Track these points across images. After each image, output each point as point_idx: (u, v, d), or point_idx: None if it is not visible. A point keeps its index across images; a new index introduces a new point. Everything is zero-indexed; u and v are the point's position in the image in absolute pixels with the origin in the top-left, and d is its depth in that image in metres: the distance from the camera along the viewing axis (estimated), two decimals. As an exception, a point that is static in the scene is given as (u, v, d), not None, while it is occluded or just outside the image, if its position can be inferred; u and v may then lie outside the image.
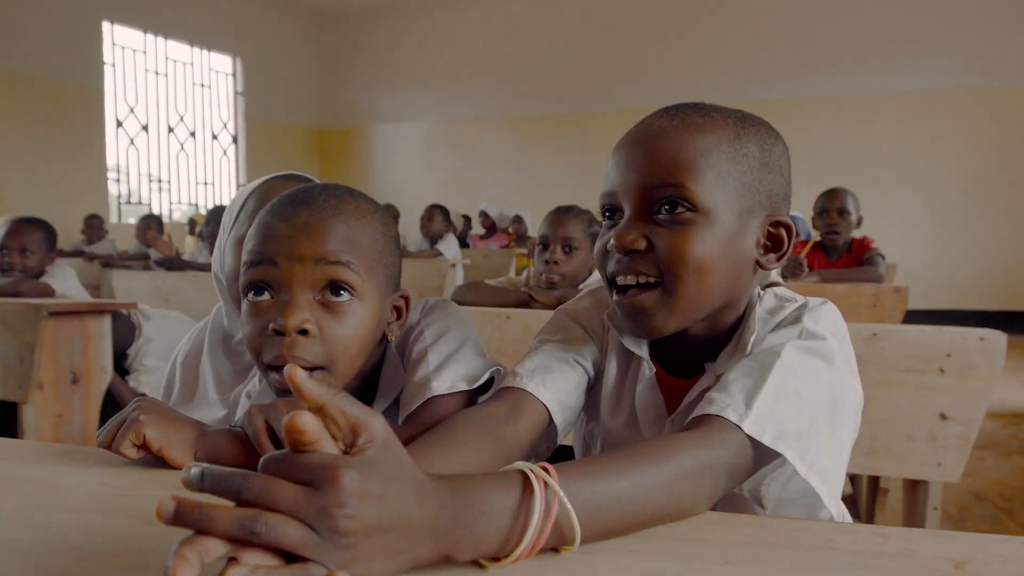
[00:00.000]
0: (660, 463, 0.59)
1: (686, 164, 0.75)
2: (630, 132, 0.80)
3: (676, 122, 0.77)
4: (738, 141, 0.77)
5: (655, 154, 0.76)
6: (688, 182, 0.74)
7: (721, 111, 0.79)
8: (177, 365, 1.18)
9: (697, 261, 0.74)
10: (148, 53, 8.62)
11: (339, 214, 0.80)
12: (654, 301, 0.76)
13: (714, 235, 0.75)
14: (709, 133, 0.76)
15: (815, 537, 0.59)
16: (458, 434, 0.69)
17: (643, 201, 0.76)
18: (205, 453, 0.75)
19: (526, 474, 0.52)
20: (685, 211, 0.74)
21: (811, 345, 0.74)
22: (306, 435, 0.42)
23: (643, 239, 0.75)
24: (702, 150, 0.75)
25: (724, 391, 0.70)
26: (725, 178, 0.76)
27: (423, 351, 0.86)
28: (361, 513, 0.42)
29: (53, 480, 0.72)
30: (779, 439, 0.67)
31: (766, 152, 0.79)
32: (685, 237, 0.74)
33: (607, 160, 0.81)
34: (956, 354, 1.59)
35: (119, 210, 8.40)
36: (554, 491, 0.51)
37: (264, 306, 0.80)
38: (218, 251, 1.14)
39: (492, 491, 0.50)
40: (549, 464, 0.54)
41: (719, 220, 0.75)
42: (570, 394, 0.82)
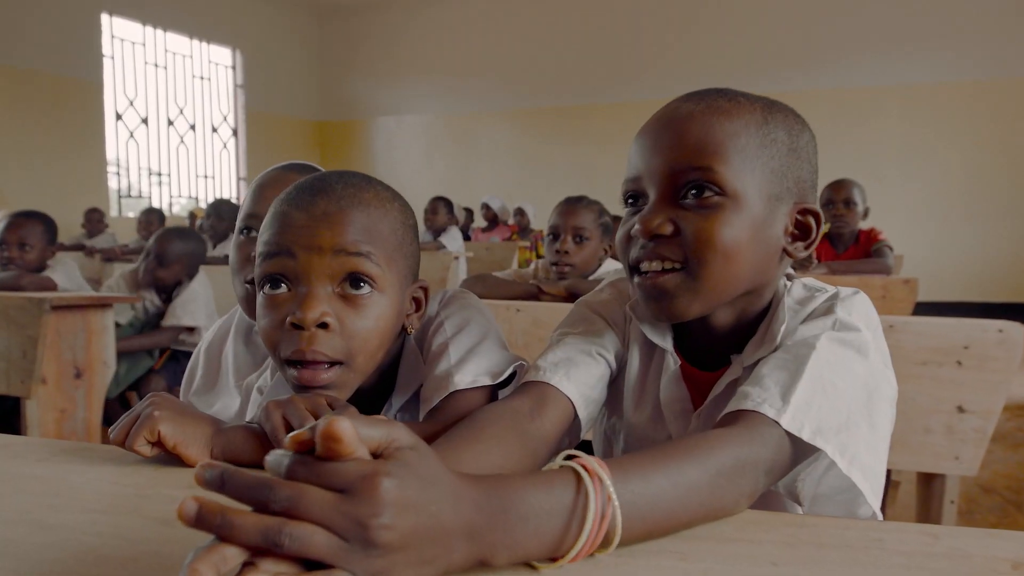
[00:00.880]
0: (700, 462, 0.57)
1: (714, 147, 0.72)
2: (655, 116, 0.78)
3: (703, 106, 0.75)
4: (766, 126, 0.75)
5: (682, 137, 0.73)
6: (717, 165, 0.72)
7: (748, 96, 0.77)
8: (201, 353, 1.16)
9: (725, 245, 0.72)
10: (147, 46, 8.58)
11: (358, 203, 0.78)
12: (676, 283, 0.73)
13: (742, 220, 0.73)
14: (737, 117, 0.74)
15: (862, 537, 0.57)
16: (484, 430, 0.67)
17: (669, 185, 0.74)
18: (221, 450, 0.72)
19: (576, 473, 0.50)
20: (713, 195, 0.72)
21: (845, 336, 0.71)
22: (343, 445, 0.39)
23: (669, 223, 0.73)
24: (730, 133, 0.73)
25: (758, 385, 0.67)
26: (753, 162, 0.73)
27: (444, 344, 0.83)
28: (399, 524, 0.40)
29: (63, 479, 0.69)
30: (818, 434, 0.64)
31: (794, 138, 0.77)
32: (713, 221, 0.72)
33: (630, 147, 0.79)
34: (974, 346, 1.56)
35: (119, 204, 8.37)
36: (608, 492, 0.49)
37: (281, 299, 0.77)
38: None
39: (531, 492, 0.48)
40: (599, 460, 0.51)
41: (747, 205, 0.73)
42: (594, 387, 0.80)
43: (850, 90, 7.85)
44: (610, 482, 0.50)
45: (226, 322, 1.17)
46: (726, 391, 0.78)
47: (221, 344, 1.15)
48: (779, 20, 8.08)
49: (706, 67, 8.29)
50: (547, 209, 7.76)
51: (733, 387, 0.78)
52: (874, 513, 0.69)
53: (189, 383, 1.17)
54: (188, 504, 0.39)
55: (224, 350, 1.14)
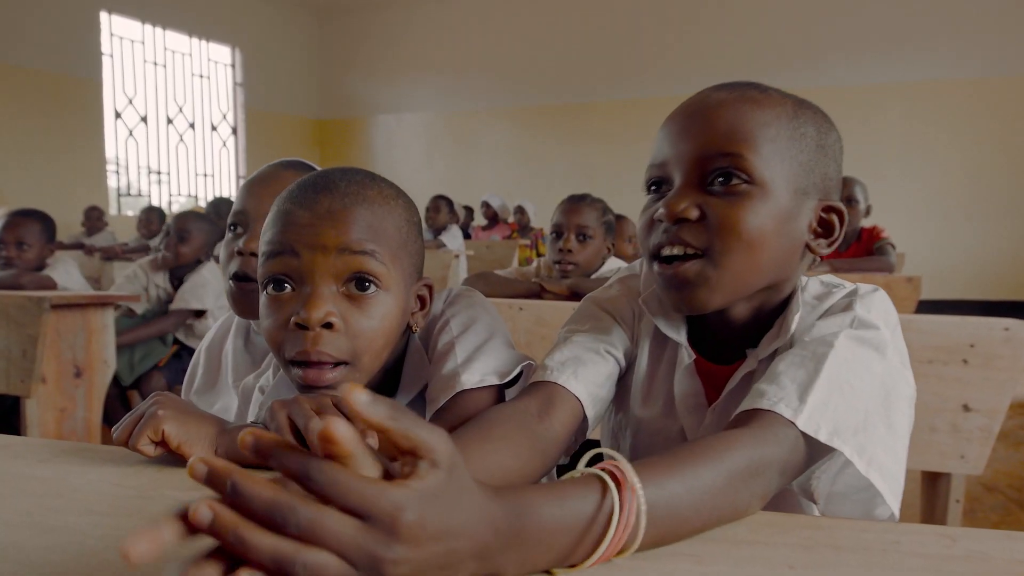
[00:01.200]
0: (714, 465, 0.56)
1: (745, 135, 0.71)
2: (683, 104, 0.77)
3: (735, 94, 0.74)
4: (796, 119, 0.74)
5: (713, 123, 0.72)
6: (747, 152, 0.71)
7: (778, 90, 0.77)
8: (202, 352, 1.15)
9: (749, 234, 0.71)
10: (146, 44, 8.56)
11: (362, 200, 0.76)
12: (697, 271, 0.72)
13: (768, 210, 0.72)
14: (768, 108, 0.73)
15: (879, 539, 0.56)
16: (493, 431, 0.66)
17: (697, 171, 0.73)
18: (225, 450, 0.71)
19: (600, 482, 0.50)
20: (741, 182, 0.71)
21: (864, 335, 0.70)
22: (341, 447, 0.38)
23: (695, 208, 0.72)
24: (761, 122, 0.72)
25: (775, 383, 0.66)
26: (783, 154, 0.72)
27: (450, 343, 0.82)
28: (413, 557, 0.39)
29: (65, 480, 0.68)
30: (835, 435, 0.63)
31: (823, 135, 0.76)
32: (740, 208, 0.71)
33: (658, 134, 0.78)
34: (980, 345, 1.55)
35: (118, 202, 8.35)
36: (639, 504, 0.49)
37: (285, 299, 0.76)
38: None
39: (552, 509, 0.47)
40: (625, 465, 0.50)
41: (774, 196, 0.72)
42: (602, 386, 0.79)
43: (850, 88, 7.84)
44: (643, 494, 0.49)
45: (227, 321, 1.16)
46: (741, 384, 0.77)
47: (222, 343, 1.14)
48: (779, 18, 8.06)
49: (706, 65, 8.27)
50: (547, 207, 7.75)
51: (748, 380, 0.77)
52: (892, 514, 0.68)
53: (190, 382, 1.16)
54: (202, 510, 0.37)
55: (224, 349, 1.13)
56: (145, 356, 2.87)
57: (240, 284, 1.04)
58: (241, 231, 1.06)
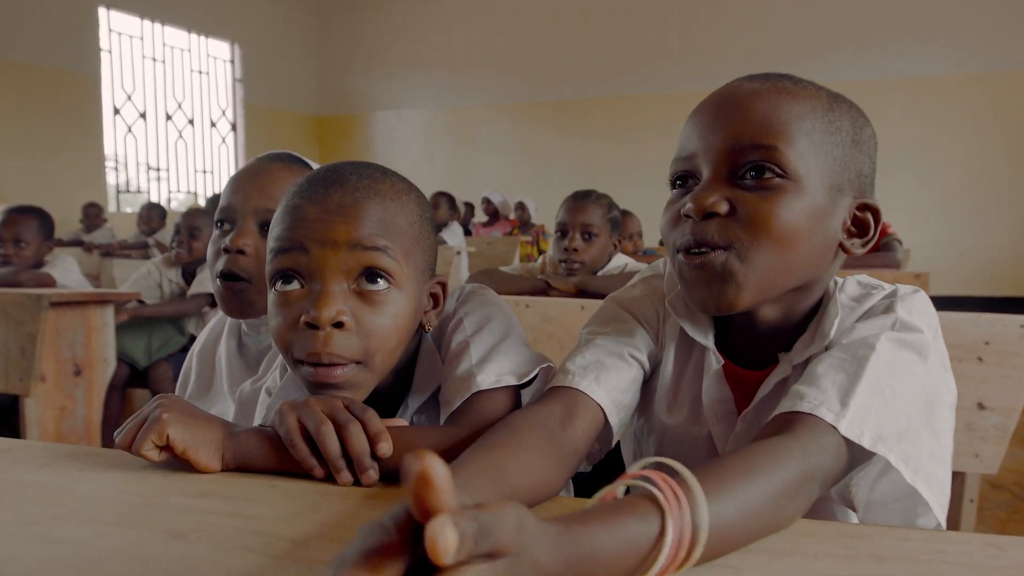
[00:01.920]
0: (766, 480, 0.53)
1: (779, 127, 0.68)
2: (714, 94, 0.74)
3: (768, 85, 0.71)
4: (831, 113, 0.71)
5: (745, 114, 0.69)
6: (781, 145, 0.68)
7: (812, 83, 0.73)
8: (194, 356, 1.12)
9: (781, 230, 0.68)
10: (145, 39, 8.51)
11: (374, 194, 0.74)
12: (722, 262, 0.69)
13: (803, 206, 0.68)
14: (804, 100, 0.70)
15: (923, 548, 0.53)
16: (524, 439, 0.63)
17: (728, 164, 0.69)
18: (233, 455, 0.69)
19: (656, 505, 0.48)
20: (775, 176, 0.68)
21: (906, 337, 0.67)
22: (438, 495, 0.34)
23: (725, 202, 0.68)
24: (796, 115, 0.69)
25: (814, 386, 0.63)
26: (818, 148, 0.69)
27: (464, 342, 0.80)
28: None
29: (67, 487, 0.65)
30: (879, 441, 0.60)
31: (858, 130, 0.73)
32: (773, 203, 0.68)
33: (683, 127, 0.75)
34: (995, 342, 1.53)
35: (117, 199, 8.32)
36: (698, 536, 0.47)
37: (294, 296, 0.73)
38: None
39: (608, 543, 0.46)
40: (679, 482, 0.48)
41: (809, 191, 0.69)
42: (625, 392, 0.76)
43: (852, 83, 7.80)
44: (705, 508, 0.47)
45: (218, 323, 1.13)
46: (774, 391, 0.74)
47: (214, 346, 1.11)
48: (780, 14, 8.03)
49: (707, 61, 8.24)
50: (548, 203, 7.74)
51: (782, 387, 0.74)
52: (939, 525, 0.65)
53: (183, 387, 1.13)
54: None
55: (217, 352, 1.10)
56: (163, 344, 2.89)
57: (227, 283, 1.00)
58: (228, 227, 1.03)
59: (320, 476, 0.66)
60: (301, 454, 0.66)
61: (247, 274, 0.98)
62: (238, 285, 0.99)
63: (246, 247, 0.99)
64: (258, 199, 1.00)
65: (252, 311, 1.01)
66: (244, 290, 0.99)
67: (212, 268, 1.02)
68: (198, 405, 1.09)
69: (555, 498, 0.63)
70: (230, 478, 0.67)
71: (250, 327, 1.08)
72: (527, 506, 0.59)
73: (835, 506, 0.71)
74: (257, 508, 0.60)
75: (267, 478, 0.68)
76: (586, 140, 8.87)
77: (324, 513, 0.60)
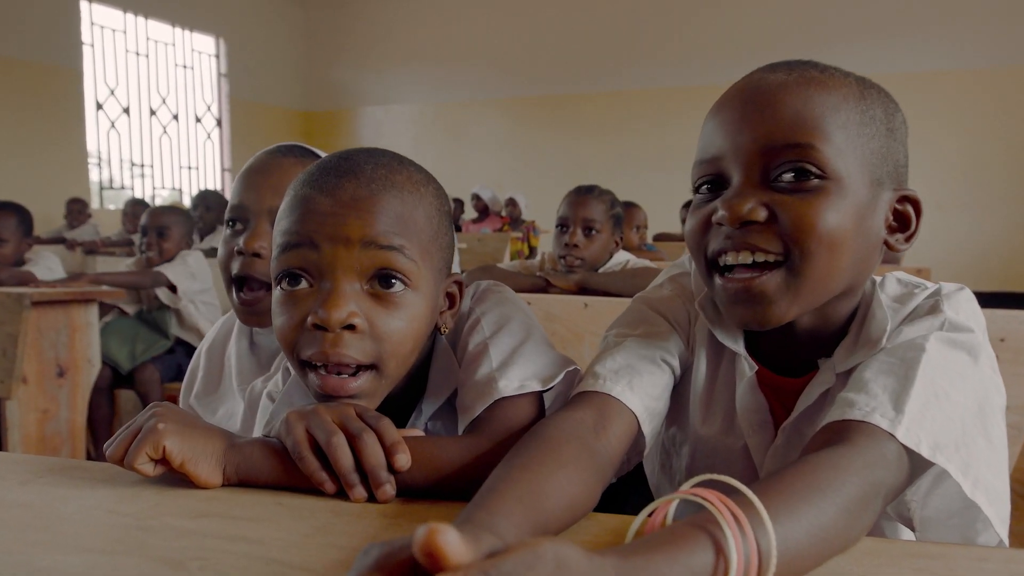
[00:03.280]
0: (831, 499, 0.49)
1: (814, 122, 0.63)
2: (738, 88, 0.68)
3: (795, 76, 0.65)
4: (863, 102, 0.66)
5: (776, 110, 0.64)
6: (818, 142, 0.62)
7: (838, 69, 0.68)
8: (202, 353, 1.07)
9: (831, 234, 0.62)
10: (128, 33, 8.36)
11: (390, 187, 0.68)
12: (777, 284, 0.64)
13: (847, 206, 0.63)
14: (834, 90, 0.65)
15: (1003, 570, 0.49)
16: (561, 452, 0.57)
17: (760, 165, 0.64)
18: (235, 468, 0.63)
19: (709, 532, 0.43)
20: (814, 177, 0.63)
21: (956, 337, 0.63)
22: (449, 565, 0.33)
23: (763, 208, 0.63)
24: (830, 107, 0.64)
25: (864, 392, 0.58)
26: (854, 141, 0.64)
27: (482, 344, 0.74)
28: None
29: (52, 507, 0.59)
30: (937, 450, 0.56)
31: (890, 117, 0.68)
32: (817, 206, 0.62)
33: (704, 125, 0.69)
34: (1011, 339, 1.49)
35: (100, 196, 8.18)
36: (756, 551, 0.43)
37: (301, 295, 0.67)
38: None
39: (661, 566, 0.42)
40: (738, 502, 0.43)
41: (851, 190, 0.64)
42: (658, 399, 0.71)
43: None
44: (775, 555, 0.42)
45: (229, 320, 1.08)
46: (819, 402, 0.69)
47: (224, 344, 1.06)
48: (773, 9, 8.01)
49: (702, 56, 8.22)
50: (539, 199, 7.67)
51: (825, 398, 0.69)
52: (1000, 541, 0.60)
53: (190, 386, 1.08)
54: None
55: (227, 350, 1.04)
56: (147, 349, 2.79)
57: (242, 292, 0.96)
58: (240, 227, 0.98)
59: (331, 492, 0.61)
60: (310, 468, 0.61)
61: (265, 277, 0.93)
62: (256, 295, 0.94)
63: (262, 249, 0.94)
64: (272, 198, 0.95)
65: (270, 318, 0.96)
66: (262, 298, 0.94)
67: (224, 270, 0.97)
68: (205, 403, 1.04)
69: (590, 515, 0.57)
70: (232, 495, 0.61)
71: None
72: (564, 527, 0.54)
73: (885, 523, 0.66)
74: (263, 530, 0.55)
75: (273, 494, 0.62)
76: (577, 136, 8.82)
77: (337, 535, 0.54)
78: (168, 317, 2.86)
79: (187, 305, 2.84)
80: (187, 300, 2.83)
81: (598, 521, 0.57)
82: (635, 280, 1.93)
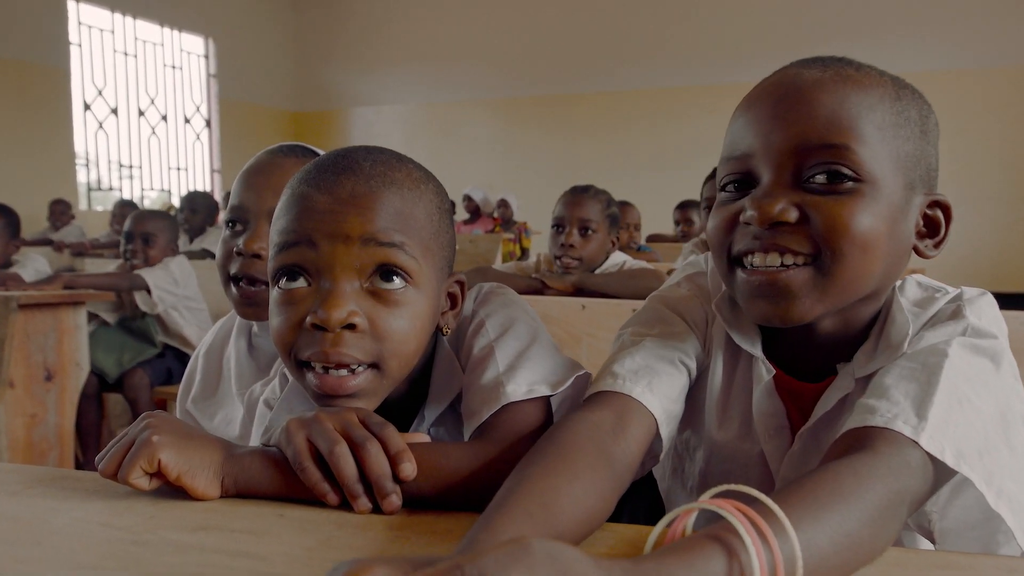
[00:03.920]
0: (856, 507, 0.47)
1: (850, 122, 0.61)
2: (769, 84, 0.66)
3: (830, 73, 0.64)
4: (899, 102, 0.65)
5: (811, 108, 0.62)
6: (854, 143, 0.61)
7: (873, 67, 0.67)
8: (199, 357, 1.05)
9: (864, 238, 0.61)
10: (116, 33, 8.29)
11: (390, 183, 0.66)
12: (803, 280, 0.62)
13: (880, 210, 0.62)
14: (871, 88, 0.63)
15: (1036, 584, 0.47)
16: (576, 460, 0.55)
17: (792, 165, 0.62)
18: (234, 480, 0.60)
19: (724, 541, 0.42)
20: (848, 180, 0.61)
21: (979, 343, 0.61)
22: None
23: (794, 209, 0.62)
24: (866, 107, 0.62)
25: (885, 398, 0.57)
26: (889, 143, 0.63)
27: (487, 347, 0.72)
28: None
29: (43, 520, 0.57)
30: (961, 459, 0.54)
31: (924, 119, 0.67)
32: (851, 208, 0.61)
33: (732, 120, 0.67)
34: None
35: (88, 197, 8.10)
36: (781, 559, 0.41)
37: (299, 295, 0.65)
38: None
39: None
40: (758, 511, 0.41)
41: (884, 193, 0.62)
42: (676, 401, 0.69)
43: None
44: (796, 539, 0.40)
45: (227, 322, 1.06)
46: (838, 407, 0.67)
47: (222, 347, 1.04)
48: (769, 9, 8.02)
49: (695, 57, 8.23)
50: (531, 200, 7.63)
51: (844, 404, 0.67)
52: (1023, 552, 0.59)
53: (187, 389, 1.05)
54: None
55: (225, 353, 1.02)
56: (134, 357, 2.74)
57: (243, 288, 0.95)
58: (240, 228, 0.97)
59: (334, 503, 0.58)
60: (312, 479, 0.58)
61: (265, 276, 0.93)
62: (257, 287, 0.94)
63: (261, 251, 0.93)
64: (272, 199, 0.93)
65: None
66: (262, 292, 0.93)
67: (222, 269, 0.96)
68: (203, 408, 1.02)
69: (606, 526, 0.55)
70: (232, 506, 0.59)
71: (261, 328, 1.03)
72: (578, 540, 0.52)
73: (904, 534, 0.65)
74: (265, 544, 0.52)
75: (274, 505, 0.59)
76: (569, 136, 8.81)
77: (342, 549, 0.52)
78: (152, 324, 2.81)
79: (170, 312, 2.78)
80: (168, 306, 2.76)
81: (614, 532, 0.55)
82: (633, 281, 1.91)
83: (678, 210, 4.64)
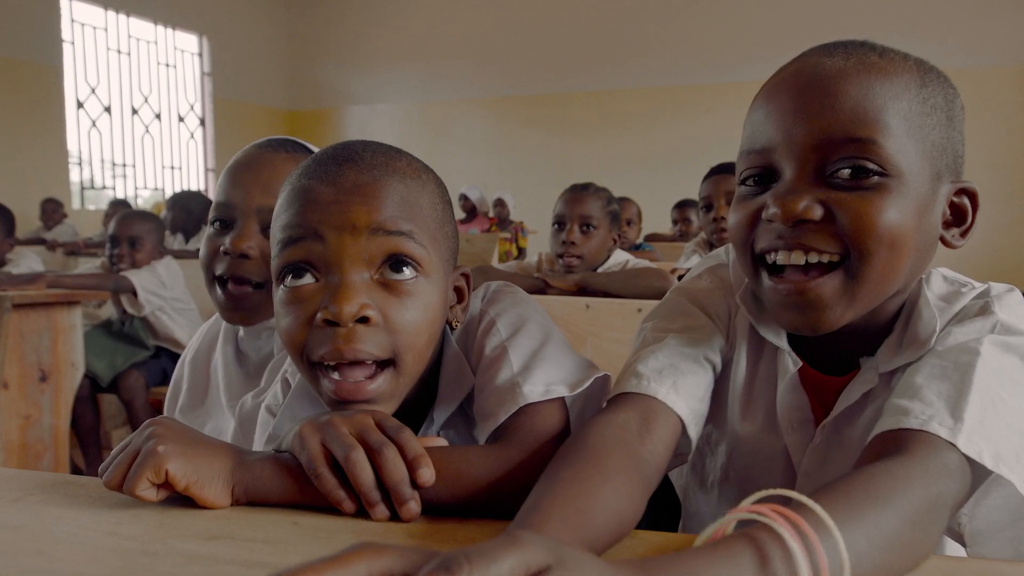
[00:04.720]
0: (895, 508, 0.45)
1: (875, 114, 0.59)
2: (789, 73, 0.64)
3: (853, 61, 0.61)
4: (924, 89, 0.62)
5: (835, 100, 0.60)
6: (880, 137, 0.59)
7: (897, 51, 0.64)
8: (186, 364, 1.01)
9: (892, 234, 0.59)
10: (109, 31, 8.23)
11: (393, 172, 0.65)
12: (834, 288, 0.60)
13: (908, 204, 0.60)
14: (895, 76, 0.61)
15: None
16: (607, 463, 0.53)
17: (816, 160, 0.60)
18: (245, 488, 0.58)
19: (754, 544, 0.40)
20: (874, 175, 0.59)
21: (1011, 341, 0.60)
22: None
23: (819, 205, 0.60)
24: (891, 96, 0.60)
25: (918, 399, 0.55)
26: (915, 133, 0.61)
27: (500, 347, 0.70)
28: None
29: (47, 529, 0.54)
30: (1000, 460, 0.53)
31: (950, 104, 0.64)
32: (878, 204, 0.59)
33: (752, 111, 0.65)
34: None
35: (81, 196, 8.04)
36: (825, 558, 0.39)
37: (307, 292, 0.63)
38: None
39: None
40: (796, 510, 0.40)
41: (912, 186, 0.60)
42: (702, 400, 0.67)
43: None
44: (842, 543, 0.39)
45: (212, 327, 1.01)
46: (861, 401, 0.66)
47: (208, 354, 1.00)
48: (762, 8, 8.02)
49: (689, 55, 8.22)
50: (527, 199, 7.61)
51: (867, 398, 0.65)
52: None
53: (174, 399, 1.01)
54: None
55: (212, 361, 0.98)
56: (127, 359, 2.70)
57: (228, 289, 0.90)
58: (227, 226, 0.92)
59: (351, 511, 0.56)
60: (327, 486, 0.56)
61: (253, 277, 0.88)
62: (244, 289, 0.89)
63: (249, 250, 0.89)
64: (261, 196, 0.89)
65: (258, 316, 0.90)
66: (250, 294, 0.89)
67: (207, 270, 0.91)
68: (191, 418, 0.98)
69: (634, 533, 0.53)
70: (244, 514, 0.57)
71: (248, 333, 0.97)
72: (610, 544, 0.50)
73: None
74: (281, 554, 0.50)
75: (288, 513, 0.57)
76: (564, 135, 8.79)
77: (361, 558, 0.50)
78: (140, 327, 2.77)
79: (157, 314, 2.74)
80: (155, 308, 2.73)
81: (642, 539, 0.53)
82: (636, 280, 1.89)
83: (676, 209, 4.63)
